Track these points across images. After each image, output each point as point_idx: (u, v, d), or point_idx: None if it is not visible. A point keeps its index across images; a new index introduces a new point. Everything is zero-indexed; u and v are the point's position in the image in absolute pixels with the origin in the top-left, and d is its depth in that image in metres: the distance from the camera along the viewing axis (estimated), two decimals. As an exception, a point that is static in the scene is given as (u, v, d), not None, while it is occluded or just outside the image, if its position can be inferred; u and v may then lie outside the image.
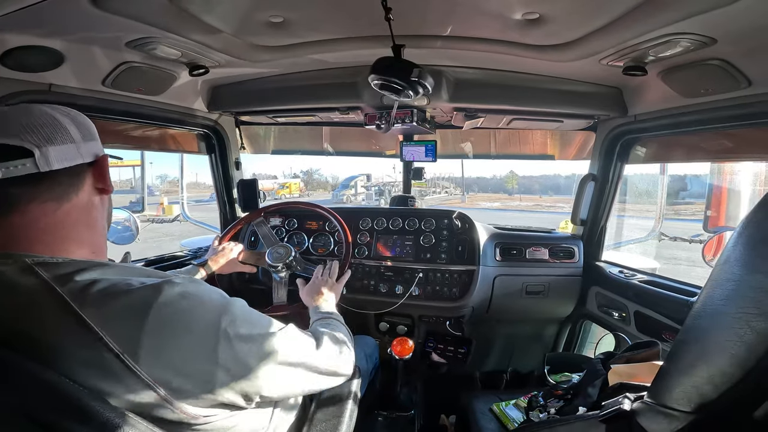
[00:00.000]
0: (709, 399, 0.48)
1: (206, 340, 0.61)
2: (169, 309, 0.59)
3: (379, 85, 1.11)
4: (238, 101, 1.86)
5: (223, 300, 0.67)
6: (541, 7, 1.06)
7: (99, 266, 0.63)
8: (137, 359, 0.55)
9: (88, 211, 0.68)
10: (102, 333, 0.54)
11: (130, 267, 0.69)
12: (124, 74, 1.32)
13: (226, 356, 0.62)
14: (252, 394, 0.67)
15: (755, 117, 1.20)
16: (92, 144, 0.70)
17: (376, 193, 23.26)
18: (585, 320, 2.11)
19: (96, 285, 0.58)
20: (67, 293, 0.56)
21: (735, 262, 0.49)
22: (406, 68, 1.07)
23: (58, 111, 0.67)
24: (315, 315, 1.17)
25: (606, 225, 1.96)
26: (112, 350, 0.54)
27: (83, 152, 0.67)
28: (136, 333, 0.56)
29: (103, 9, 0.96)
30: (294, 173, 38.13)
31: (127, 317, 0.57)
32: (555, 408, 1.20)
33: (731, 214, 3.77)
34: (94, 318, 0.55)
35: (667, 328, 1.44)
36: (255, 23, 1.19)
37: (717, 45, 1.04)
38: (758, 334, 0.44)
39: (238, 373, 0.64)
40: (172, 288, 0.61)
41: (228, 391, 0.63)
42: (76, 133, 0.66)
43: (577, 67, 1.41)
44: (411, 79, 1.07)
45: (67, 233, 0.65)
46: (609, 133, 1.79)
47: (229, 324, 0.64)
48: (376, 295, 1.91)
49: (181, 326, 0.59)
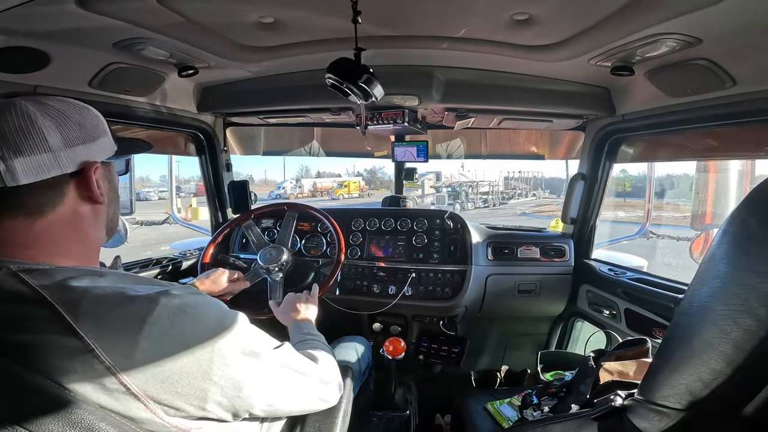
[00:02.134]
0: (698, 396, 0.49)
1: (202, 358, 0.59)
2: (166, 323, 0.56)
3: (330, 85, 1.12)
4: (228, 102, 1.84)
5: (221, 314, 0.65)
6: (530, 8, 1.06)
7: (90, 274, 0.60)
8: (129, 374, 0.53)
9: (74, 223, 0.64)
10: (94, 345, 0.52)
11: (122, 275, 0.66)
12: (111, 75, 1.30)
13: (220, 374, 0.60)
14: (241, 412, 0.65)
15: (740, 116, 1.23)
16: (81, 150, 0.62)
17: (451, 195, 20.53)
18: (576, 318, 2.13)
19: (89, 294, 0.55)
20: (59, 303, 0.53)
21: (720, 259, 0.50)
22: (357, 72, 1.08)
23: (46, 109, 0.60)
24: (297, 335, 1.13)
25: (596, 223, 1.98)
26: (104, 363, 0.52)
27: (63, 161, 0.60)
28: (130, 347, 0.53)
29: (90, 10, 0.95)
30: (357, 171, 36.60)
31: (121, 330, 0.54)
32: (548, 406, 1.21)
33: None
34: (88, 330, 0.52)
35: (657, 325, 1.46)
36: (245, 24, 1.18)
37: (702, 45, 1.06)
38: (744, 330, 0.44)
39: (230, 391, 0.62)
40: (170, 300, 0.58)
41: (218, 408, 0.61)
42: (57, 138, 0.59)
43: (566, 67, 1.43)
44: (359, 83, 1.08)
45: (49, 247, 0.61)
46: (597, 133, 1.81)
47: (225, 341, 0.62)
48: (369, 295, 1.90)
49: (178, 342, 0.57)
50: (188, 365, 0.57)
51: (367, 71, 1.08)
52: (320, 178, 29.59)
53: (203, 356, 0.59)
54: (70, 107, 0.64)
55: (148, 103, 1.59)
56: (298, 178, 29.91)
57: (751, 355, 0.44)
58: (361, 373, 1.49)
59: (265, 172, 25.51)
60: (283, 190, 27.52)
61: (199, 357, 0.59)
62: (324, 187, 29.15)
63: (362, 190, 30.20)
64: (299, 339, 1.10)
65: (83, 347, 0.52)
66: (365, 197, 28.60)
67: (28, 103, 0.59)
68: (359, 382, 1.45)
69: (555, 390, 1.24)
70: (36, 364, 0.51)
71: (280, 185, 28.98)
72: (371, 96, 1.11)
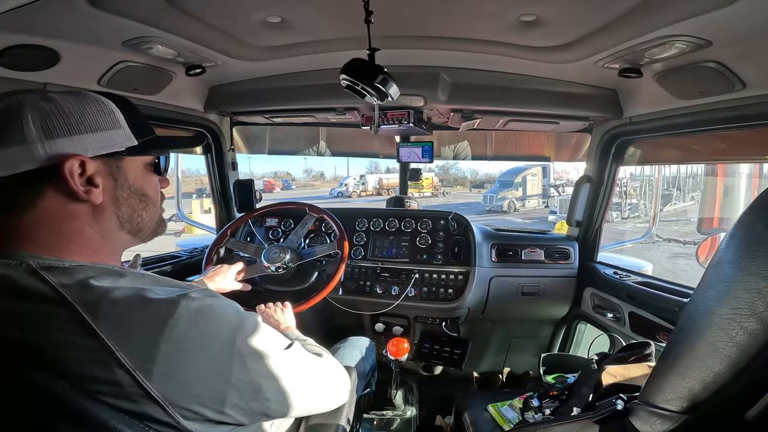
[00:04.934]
0: (701, 400, 0.49)
1: (221, 360, 0.58)
2: (185, 326, 0.56)
3: (345, 86, 1.13)
4: (235, 101, 1.85)
5: (239, 316, 0.64)
6: (537, 9, 1.06)
7: (110, 274, 0.59)
8: (150, 377, 0.52)
9: (65, 221, 0.61)
10: (115, 348, 0.51)
11: (141, 274, 0.64)
12: (120, 74, 1.31)
13: (239, 376, 0.60)
14: (258, 414, 0.65)
15: (750, 119, 1.21)
16: (64, 142, 0.58)
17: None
18: (580, 321, 2.12)
19: (110, 295, 0.54)
20: (79, 303, 0.53)
21: (727, 263, 0.49)
22: (372, 73, 1.08)
23: (41, 101, 0.58)
24: None
25: (601, 226, 1.97)
26: (124, 366, 0.51)
27: (38, 155, 0.56)
28: (151, 350, 0.53)
29: (100, 8, 0.96)
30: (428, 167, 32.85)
31: (142, 333, 0.54)
32: (550, 409, 1.21)
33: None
34: (108, 332, 0.52)
35: (661, 329, 1.45)
36: (252, 23, 1.19)
37: (712, 47, 1.05)
38: (750, 335, 0.44)
39: (248, 394, 0.62)
40: (189, 303, 0.57)
41: (236, 411, 0.61)
42: (34, 130, 0.56)
43: (573, 69, 1.42)
44: (375, 84, 1.08)
45: (45, 243, 0.59)
46: (604, 135, 1.80)
47: (243, 343, 0.61)
48: (372, 296, 1.90)
49: (197, 345, 0.57)
50: (207, 368, 0.57)
51: (382, 71, 1.08)
52: (388, 174, 24.93)
53: (222, 359, 0.59)
54: (75, 98, 0.61)
55: (155, 102, 1.61)
56: (362, 174, 26.71)
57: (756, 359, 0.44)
58: (365, 373, 1.49)
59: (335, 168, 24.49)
60: (344, 187, 25.57)
61: (218, 360, 0.58)
62: (391, 185, 24.42)
63: (436, 187, 25.81)
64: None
65: (103, 349, 0.51)
66: (439, 197, 24.55)
67: (27, 95, 0.58)
68: (363, 382, 1.45)
69: (557, 392, 1.23)
70: (53, 364, 0.51)
71: (342, 182, 26.71)
72: (387, 96, 1.12)
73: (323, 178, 36.97)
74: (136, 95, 1.51)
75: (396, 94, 1.13)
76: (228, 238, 1.80)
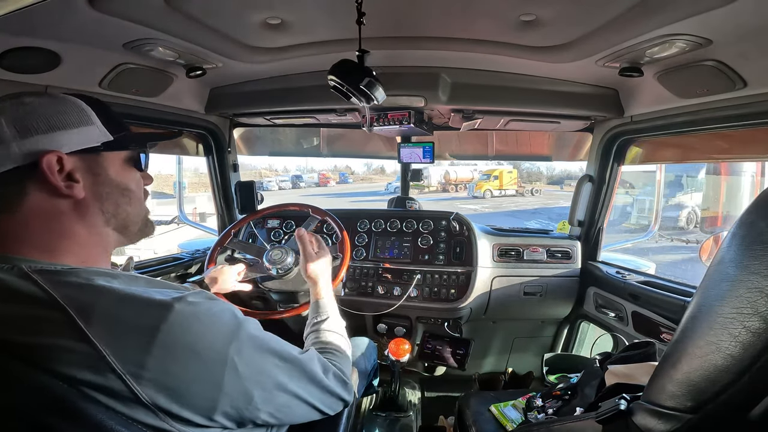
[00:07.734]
0: (704, 399, 0.49)
1: (213, 368, 0.58)
2: (179, 331, 0.55)
3: (332, 86, 1.12)
4: (236, 103, 1.86)
5: (235, 322, 0.63)
6: (537, 9, 1.06)
7: (102, 275, 0.59)
8: (140, 382, 0.52)
9: (54, 219, 0.62)
10: (106, 352, 0.51)
11: (135, 277, 0.64)
12: (121, 76, 1.32)
13: (231, 385, 0.59)
14: (246, 422, 0.64)
15: (751, 117, 1.21)
16: (39, 139, 0.59)
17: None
18: (583, 321, 2.11)
19: (102, 298, 0.54)
20: (72, 307, 0.52)
21: (729, 262, 0.49)
22: (358, 74, 1.08)
23: (16, 104, 0.60)
24: (313, 323, 1.08)
25: (603, 226, 1.97)
26: (116, 371, 0.51)
27: (15, 153, 0.58)
28: (143, 355, 0.53)
29: (101, 11, 0.96)
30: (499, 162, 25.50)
31: (134, 338, 0.53)
32: (553, 408, 1.20)
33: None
34: (100, 336, 0.51)
35: (665, 328, 1.44)
36: (252, 25, 1.19)
37: (713, 46, 1.05)
38: (753, 333, 0.44)
39: (240, 403, 0.61)
40: (184, 307, 0.57)
41: (224, 418, 0.60)
42: (8, 130, 0.58)
43: (574, 68, 1.42)
44: (360, 86, 1.07)
45: (35, 244, 0.60)
46: (605, 134, 1.79)
47: (237, 351, 0.60)
48: (374, 296, 1.91)
49: (190, 351, 0.56)
50: (199, 375, 0.56)
51: (369, 74, 1.08)
52: (455, 167, 21.29)
53: (215, 367, 0.58)
54: (46, 99, 0.62)
55: (156, 104, 1.61)
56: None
57: (759, 357, 0.44)
58: (368, 374, 1.49)
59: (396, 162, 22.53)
60: (402, 181, 23.18)
61: (211, 367, 0.58)
62: (461, 179, 21.41)
63: (519, 185, 21.29)
64: (314, 329, 1.06)
65: (94, 353, 0.51)
66: (527, 195, 20.05)
67: (5, 100, 0.60)
68: (365, 383, 1.45)
69: (560, 392, 1.23)
70: (45, 366, 0.51)
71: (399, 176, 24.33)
72: (372, 99, 1.11)
73: (383, 173, 35.48)
74: (137, 97, 1.51)
75: (382, 97, 1.12)
76: (230, 239, 1.80)
